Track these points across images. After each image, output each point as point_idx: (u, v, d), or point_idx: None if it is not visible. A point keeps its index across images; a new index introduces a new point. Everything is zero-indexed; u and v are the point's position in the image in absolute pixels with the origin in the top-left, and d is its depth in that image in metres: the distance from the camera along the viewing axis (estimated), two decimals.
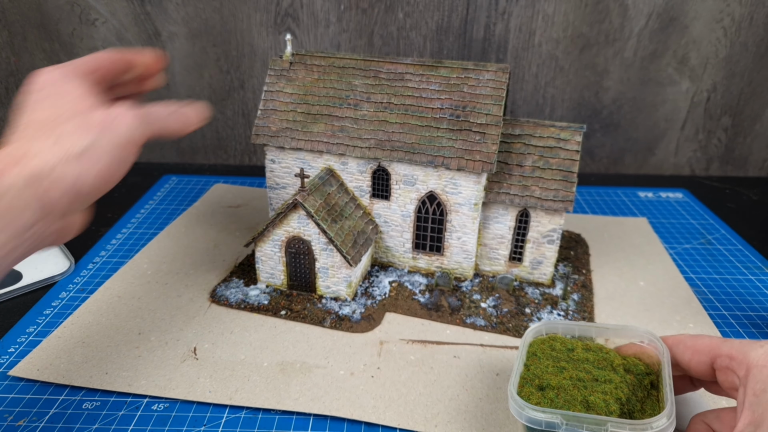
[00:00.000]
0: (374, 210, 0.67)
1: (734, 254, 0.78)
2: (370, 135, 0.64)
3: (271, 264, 0.64)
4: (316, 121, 0.65)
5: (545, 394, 0.44)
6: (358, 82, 0.66)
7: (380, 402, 0.51)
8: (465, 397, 0.51)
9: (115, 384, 0.53)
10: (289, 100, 0.66)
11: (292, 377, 0.54)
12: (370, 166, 0.65)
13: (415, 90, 0.65)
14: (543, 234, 0.66)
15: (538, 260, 0.67)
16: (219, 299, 0.64)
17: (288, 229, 0.61)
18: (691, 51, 0.98)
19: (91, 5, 0.95)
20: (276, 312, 0.62)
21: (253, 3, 0.95)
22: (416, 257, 0.69)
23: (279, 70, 0.68)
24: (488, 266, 0.70)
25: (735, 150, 1.07)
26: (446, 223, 0.66)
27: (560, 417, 0.41)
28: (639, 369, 0.46)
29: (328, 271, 0.63)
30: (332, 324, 0.60)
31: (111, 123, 0.42)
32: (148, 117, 0.45)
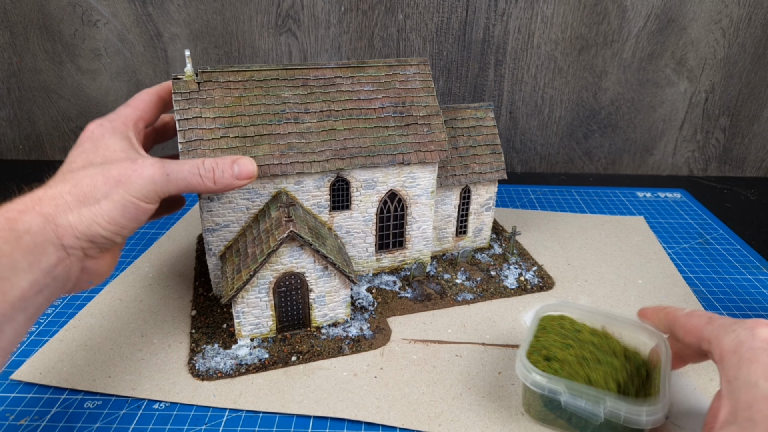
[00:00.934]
0: (335, 223, 0.64)
1: (732, 254, 0.79)
2: (323, 147, 0.59)
3: (256, 313, 0.57)
4: (257, 144, 0.57)
5: (551, 364, 0.47)
6: (288, 93, 0.60)
7: (384, 402, 0.51)
8: (468, 396, 0.52)
9: (119, 388, 0.53)
10: (215, 126, 0.57)
11: (295, 379, 0.54)
12: (328, 179, 0.61)
13: (351, 93, 0.62)
14: (482, 204, 0.73)
15: (479, 228, 0.75)
16: (208, 375, 0.54)
17: (278, 267, 0.55)
18: (689, 52, 0.99)
19: (93, 6, 0.95)
20: (286, 362, 0.56)
21: (254, 5, 0.95)
22: (380, 258, 0.69)
23: (187, 93, 0.57)
24: (439, 246, 0.74)
25: (733, 150, 1.08)
26: (407, 217, 0.67)
27: (564, 385, 0.43)
28: (638, 360, 0.48)
29: (324, 298, 0.58)
30: (351, 348, 0.57)
31: (127, 178, 0.44)
32: (170, 175, 0.46)
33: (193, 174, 0.47)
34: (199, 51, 0.99)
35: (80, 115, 1.06)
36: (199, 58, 0.99)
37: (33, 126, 1.07)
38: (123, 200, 0.44)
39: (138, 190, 0.44)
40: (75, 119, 1.06)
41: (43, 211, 0.42)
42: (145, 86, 1.02)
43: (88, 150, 0.48)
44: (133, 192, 0.44)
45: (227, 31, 0.97)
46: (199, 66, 1.01)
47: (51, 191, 0.43)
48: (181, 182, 0.47)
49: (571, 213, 0.89)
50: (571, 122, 1.05)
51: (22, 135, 1.08)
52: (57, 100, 1.04)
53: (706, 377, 0.54)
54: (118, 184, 0.44)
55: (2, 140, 1.09)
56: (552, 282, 0.69)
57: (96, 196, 0.43)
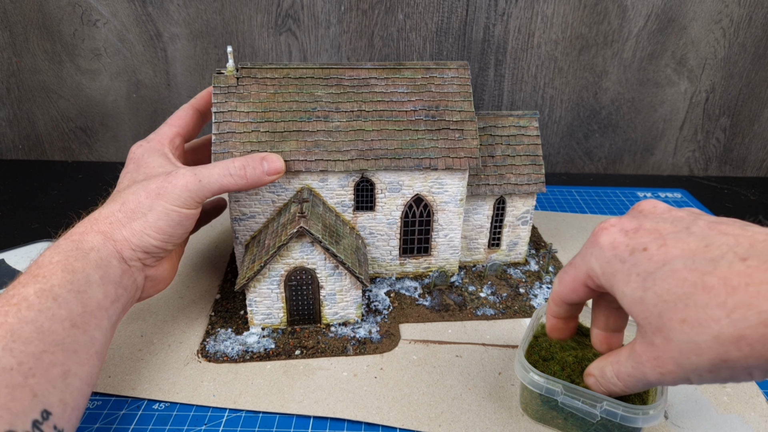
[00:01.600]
0: (359, 223, 0.64)
1: None
2: (350, 146, 0.60)
3: (267, 303, 0.58)
4: (285, 139, 0.59)
5: (549, 365, 0.47)
6: (321, 92, 0.61)
7: (384, 403, 0.51)
8: (468, 397, 0.52)
9: (119, 387, 0.53)
10: (248, 120, 0.59)
11: (295, 379, 0.54)
12: (353, 179, 0.61)
13: (384, 95, 0.62)
14: (518, 217, 0.70)
15: (514, 242, 0.71)
16: (216, 357, 0.56)
17: (289, 261, 0.56)
18: (689, 52, 0.98)
19: (92, 6, 0.95)
20: (290, 354, 0.56)
21: (254, 4, 0.95)
22: (404, 263, 0.68)
23: (225, 87, 0.60)
24: (469, 257, 0.72)
25: (733, 150, 1.08)
26: (433, 223, 0.65)
27: (561, 386, 0.43)
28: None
29: (335, 297, 0.59)
30: (356, 350, 0.57)
31: (164, 190, 0.49)
32: (203, 181, 0.51)
33: (224, 176, 0.52)
34: (199, 51, 0.99)
35: (80, 114, 1.06)
36: (198, 58, 0.99)
37: (32, 126, 1.07)
38: (165, 210, 0.49)
39: (176, 199, 0.49)
40: (75, 119, 1.06)
41: (100, 229, 0.48)
42: (145, 86, 1.02)
43: (132, 171, 0.54)
44: (172, 201, 0.49)
45: (227, 30, 0.97)
46: (199, 66, 1.00)
47: (104, 211, 0.49)
48: (214, 185, 0.51)
49: (571, 213, 0.89)
50: (572, 122, 1.05)
51: (21, 135, 1.08)
52: (57, 100, 1.04)
53: None
54: (158, 197, 0.49)
55: (2, 140, 1.09)
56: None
57: (142, 210, 0.49)
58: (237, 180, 0.52)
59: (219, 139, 0.58)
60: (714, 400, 0.51)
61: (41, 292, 0.42)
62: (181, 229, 0.51)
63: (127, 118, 1.05)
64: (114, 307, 0.47)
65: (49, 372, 0.39)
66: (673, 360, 0.32)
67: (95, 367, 0.44)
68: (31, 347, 0.38)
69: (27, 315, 0.40)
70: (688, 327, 0.30)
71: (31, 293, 0.41)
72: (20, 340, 0.38)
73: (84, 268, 0.45)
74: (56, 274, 0.43)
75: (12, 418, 0.35)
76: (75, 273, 0.44)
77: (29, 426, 0.36)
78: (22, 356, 0.38)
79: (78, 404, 0.41)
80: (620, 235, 0.36)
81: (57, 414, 0.39)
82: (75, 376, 0.41)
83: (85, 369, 0.43)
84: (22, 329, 0.39)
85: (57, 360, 0.40)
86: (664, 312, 0.31)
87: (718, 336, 0.29)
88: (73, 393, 0.41)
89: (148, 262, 0.51)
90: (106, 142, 1.08)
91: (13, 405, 0.35)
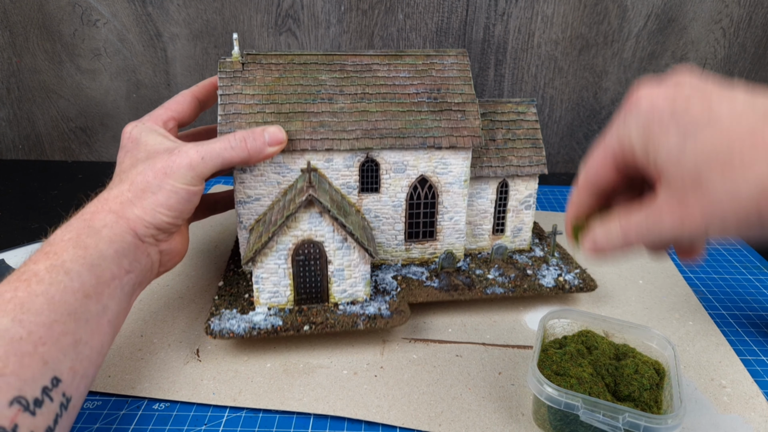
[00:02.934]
0: (364, 206, 0.64)
1: (732, 254, 0.79)
2: (354, 126, 0.61)
3: (274, 280, 0.57)
4: (290, 120, 0.60)
5: (564, 380, 0.46)
6: (325, 77, 0.63)
7: (384, 401, 0.51)
8: (468, 396, 0.52)
9: (118, 387, 0.53)
10: (253, 102, 0.60)
11: (295, 378, 0.54)
12: (358, 159, 0.62)
13: (387, 79, 0.64)
14: (521, 201, 0.70)
15: (518, 227, 0.71)
16: (221, 334, 0.55)
17: (297, 233, 0.56)
18: (689, 52, 0.98)
19: (92, 6, 0.95)
20: (298, 329, 0.56)
21: (254, 4, 0.95)
22: (409, 248, 0.68)
23: (231, 72, 0.61)
24: (474, 244, 0.71)
25: None
26: (438, 206, 0.65)
27: (581, 400, 0.43)
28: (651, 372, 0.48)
29: (344, 272, 0.58)
30: (366, 325, 0.56)
31: (170, 169, 0.50)
32: (205, 157, 0.51)
33: (225, 148, 0.52)
34: (198, 51, 0.99)
35: (80, 114, 1.06)
36: (198, 58, 0.99)
37: (32, 126, 1.07)
38: (174, 188, 0.50)
39: (182, 178, 0.50)
40: (74, 119, 1.06)
41: (112, 209, 0.49)
42: (145, 86, 1.03)
43: (130, 149, 0.54)
44: (179, 180, 0.50)
45: (227, 30, 0.97)
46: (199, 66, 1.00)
47: (113, 192, 0.50)
48: (216, 159, 0.52)
49: None
50: (572, 122, 1.05)
51: (21, 135, 1.08)
52: (56, 100, 1.04)
53: (706, 377, 0.54)
54: (165, 176, 0.50)
55: (2, 140, 1.09)
56: (594, 285, 0.65)
57: (152, 189, 0.50)
58: (238, 152, 0.52)
59: (225, 119, 0.59)
60: (714, 400, 0.51)
61: (52, 267, 0.42)
62: (189, 204, 0.52)
63: (127, 118, 1.05)
64: (128, 277, 0.48)
65: (59, 341, 0.40)
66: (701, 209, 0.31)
67: (107, 335, 0.45)
68: (42, 317, 0.39)
69: (37, 288, 0.40)
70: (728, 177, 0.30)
71: (41, 269, 0.42)
72: (31, 312, 0.39)
73: (97, 244, 0.45)
74: (68, 250, 0.44)
75: (21, 384, 0.36)
76: (87, 249, 0.45)
77: (39, 392, 0.37)
78: (32, 326, 0.38)
79: (87, 373, 0.42)
80: (661, 98, 0.34)
81: (67, 381, 0.40)
82: (86, 344, 0.42)
83: (97, 338, 0.44)
84: (32, 301, 0.40)
85: (68, 329, 0.41)
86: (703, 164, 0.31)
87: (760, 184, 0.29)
88: (83, 361, 0.42)
89: (160, 238, 0.52)
90: (106, 142, 1.08)
91: (22, 372, 0.36)
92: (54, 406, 0.38)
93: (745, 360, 0.57)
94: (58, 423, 0.38)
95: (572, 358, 0.48)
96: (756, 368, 0.56)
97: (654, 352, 0.50)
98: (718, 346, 0.59)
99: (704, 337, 0.60)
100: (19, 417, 0.35)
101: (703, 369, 0.55)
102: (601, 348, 0.50)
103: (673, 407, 0.43)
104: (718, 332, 0.61)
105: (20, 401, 0.35)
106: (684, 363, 0.56)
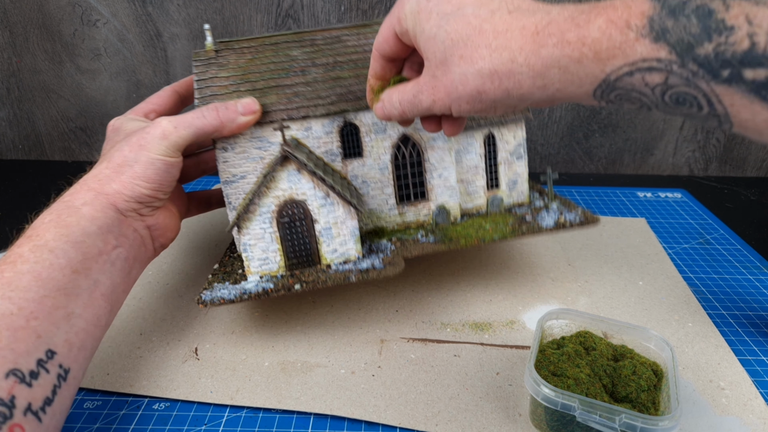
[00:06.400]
0: (350, 172, 0.63)
1: (732, 254, 0.78)
2: (329, 92, 0.61)
3: (262, 246, 0.56)
4: (265, 95, 0.60)
5: (562, 381, 0.46)
6: (296, 52, 0.63)
7: (381, 401, 0.51)
8: (465, 396, 0.52)
9: (117, 385, 0.53)
10: (228, 83, 0.61)
11: (293, 376, 0.54)
12: (337, 124, 0.61)
13: (357, 46, 0.64)
14: (511, 152, 0.68)
15: (513, 180, 0.69)
16: (212, 302, 0.55)
17: (278, 193, 0.55)
18: None
19: (92, 6, 0.95)
20: (289, 289, 0.55)
21: (254, 4, 0.95)
22: (403, 212, 0.66)
23: (206, 60, 0.63)
24: (470, 203, 0.68)
25: (733, 150, 1.08)
26: (425, 163, 0.64)
27: (577, 401, 0.43)
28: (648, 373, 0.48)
29: (331, 231, 0.57)
30: (358, 277, 0.55)
31: (145, 141, 0.51)
32: (177, 126, 0.52)
33: (197, 117, 0.53)
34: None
35: (80, 114, 1.06)
36: None
37: (32, 126, 1.07)
38: (150, 159, 0.50)
39: (157, 148, 0.51)
40: (74, 119, 1.06)
41: (91, 187, 0.49)
42: (145, 86, 1.03)
43: (112, 137, 0.56)
44: (153, 150, 0.50)
45: (227, 31, 0.97)
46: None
47: (92, 172, 0.51)
48: (189, 128, 0.52)
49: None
50: (572, 122, 1.05)
51: (21, 135, 1.08)
52: (56, 100, 1.04)
53: (705, 379, 0.54)
54: (141, 148, 0.50)
55: (2, 140, 1.09)
56: (596, 218, 0.64)
57: (128, 163, 0.50)
58: (210, 120, 0.53)
59: (201, 102, 0.59)
60: (712, 402, 0.51)
61: (35, 247, 0.43)
62: (168, 176, 0.52)
63: None
64: (117, 252, 0.48)
65: (51, 314, 0.41)
66: (445, 88, 0.39)
67: (102, 308, 0.46)
68: (31, 293, 0.40)
69: (23, 268, 0.41)
70: (462, 62, 0.37)
71: (26, 251, 0.43)
72: (19, 289, 0.40)
73: (78, 221, 0.46)
74: (50, 230, 0.45)
75: (16, 357, 0.37)
76: (69, 227, 0.45)
77: (34, 365, 0.38)
78: (21, 302, 0.39)
79: (85, 344, 0.43)
80: None
81: (62, 353, 0.40)
82: (79, 317, 0.43)
83: (90, 311, 0.44)
84: (19, 279, 0.40)
85: (59, 303, 0.41)
86: (449, 48, 0.38)
87: (480, 70, 0.36)
88: (78, 333, 0.42)
89: (144, 212, 0.52)
90: None
91: (16, 345, 0.37)
92: (51, 377, 0.39)
93: (743, 360, 0.57)
94: (57, 393, 0.39)
95: (570, 358, 0.48)
96: (755, 368, 0.56)
97: (652, 353, 0.50)
98: (717, 347, 0.58)
99: (703, 339, 0.60)
100: (16, 388, 0.36)
101: (702, 371, 0.55)
102: (599, 349, 0.50)
103: (670, 408, 0.43)
104: (718, 334, 0.61)
105: (16, 373, 0.36)
106: (683, 364, 0.56)
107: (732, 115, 0.30)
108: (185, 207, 0.64)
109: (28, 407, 0.36)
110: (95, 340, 0.45)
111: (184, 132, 0.52)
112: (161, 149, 0.51)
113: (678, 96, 0.31)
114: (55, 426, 0.39)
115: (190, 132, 0.52)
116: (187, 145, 0.53)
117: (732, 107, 0.29)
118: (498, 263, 0.74)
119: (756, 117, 0.29)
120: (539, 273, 0.72)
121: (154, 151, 0.50)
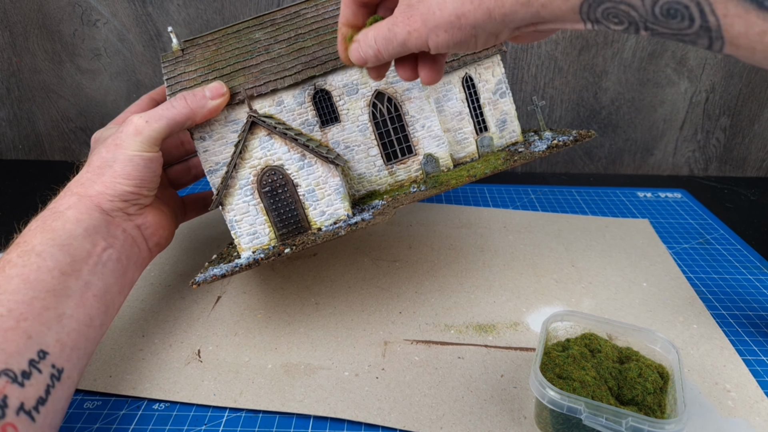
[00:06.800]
0: (330, 140, 0.62)
1: (733, 254, 0.79)
2: (294, 63, 0.60)
3: (248, 220, 0.56)
4: (233, 78, 0.60)
5: (567, 383, 0.46)
6: (258, 35, 0.63)
7: (385, 404, 0.51)
8: (470, 399, 0.51)
9: (119, 387, 0.53)
10: (196, 75, 0.61)
11: (296, 379, 0.54)
12: (308, 93, 0.60)
13: (317, 17, 0.64)
14: (493, 91, 0.66)
15: (502, 120, 0.67)
16: (206, 279, 0.53)
17: (253, 162, 0.54)
18: (689, 52, 0.98)
19: (92, 6, 0.95)
20: (279, 254, 0.54)
21: (254, 4, 0.95)
22: (392, 171, 0.64)
23: (173, 60, 0.63)
24: (462, 152, 0.66)
25: (733, 150, 1.08)
26: (405, 117, 0.62)
27: (583, 404, 0.42)
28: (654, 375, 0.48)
29: (315, 192, 0.56)
30: (347, 230, 0.54)
31: (120, 139, 0.51)
32: (149, 120, 0.52)
33: (167, 108, 0.52)
34: None
35: (80, 115, 1.05)
36: None
37: (32, 126, 1.07)
38: (127, 156, 0.50)
39: (132, 145, 0.51)
40: (74, 119, 1.06)
41: (74, 191, 0.50)
42: (145, 86, 1.02)
43: (93, 148, 0.57)
44: (130, 147, 0.51)
45: None
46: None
47: (75, 179, 0.52)
48: (160, 120, 0.52)
49: (572, 214, 0.89)
50: (572, 122, 1.05)
51: (21, 135, 1.08)
52: (57, 100, 1.04)
53: (711, 381, 0.54)
54: (117, 147, 0.51)
55: (2, 140, 1.08)
56: (591, 134, 0.63)
57: (108, 164, 0.51)
58: (180, 109, 0.52)
59: (173, 96, 0.59)
60: (718, 404, 0.51)
61: (23, 252, 0.44)
62: (149, 172, 0.52)
63: None
64: (107, 253, 0.49)
65: (42, 315, 0.41)
66: (421, 16, 0.37)
67: (95, 309, 0.46)
68: (20, 296, 0.41)
69: (11, 272, 0.42)
70: None
71: (14, 256, 0.44)
72: (7, 292, 0.41)
73: (64, 225, 0.47)
74: (36, 236, 0.45)
75: (7, 358, 0.38)
76: (55, 231, 0.46)
77: (26, 365, 0.38)
78: (10, 304, 0.40)
79: (78, 344, 0.43)
80: None
81: (55, 353, 0.41)
82: (71, 318, 0.43)
83: (82, 311, 0.45)
84: (8, 283, 0.41)
85: (49, 304, 0.42)
86: None
87: None
88: (70, 334, 0.43)
89: (131, 211, 0.52)
90: None
91: (7, 346, 0.38)
92: (43, 377, 0.39)
93: (747, 360, 0.57)
94: (51, 393, 0.39)
95: (575, 361, 0.48)
96: (757, 368, 0.56)
97: (657, 355, 0.50)
98: (722, 349, 0.58)
99: (708, 341, 0.60)
100: (8, 388, 0.36)
101: (708, 373, 0.55)
102: (604, 351, 0.49)
103: (676, 411, 0.42)
104: (723, 335, 0.61)
105: (7, 373, 0.37)
106: (688, 367, 0.56)
107: (724, 28, 0.28)
108: (180, 209, 0.64)
109: (20, 407, 0.37)
110: (89, 341, 0.45)
111: (157, 125, 0.52)
112: (137, 145, 0.51)
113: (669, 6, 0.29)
114: (50, 425, 0.39)
115: (162, 124, 0.52)
116: (162, 138, 0.52)
117: (725, 18, 0.27)
118: (501, 264, 0.74)
119: (750, 30, 0.27)
120: (543, 274, 0.72)
121: (130, 148, 0.51)
